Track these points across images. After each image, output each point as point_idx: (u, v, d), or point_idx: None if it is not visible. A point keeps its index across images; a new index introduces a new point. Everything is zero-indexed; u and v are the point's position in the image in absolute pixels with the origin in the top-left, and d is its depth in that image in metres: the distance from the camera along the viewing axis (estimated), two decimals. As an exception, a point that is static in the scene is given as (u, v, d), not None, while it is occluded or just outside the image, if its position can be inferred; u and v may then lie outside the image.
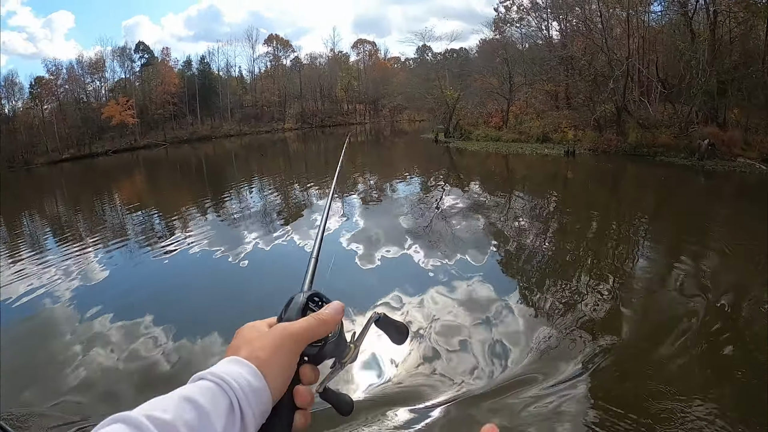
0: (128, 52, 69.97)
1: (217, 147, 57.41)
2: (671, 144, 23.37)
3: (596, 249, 10.54)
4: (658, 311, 6.97)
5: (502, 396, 5.11)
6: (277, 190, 22.07)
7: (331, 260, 6.42)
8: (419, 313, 7.29)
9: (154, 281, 10.17)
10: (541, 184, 20.13)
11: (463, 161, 29.03)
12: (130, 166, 45.31)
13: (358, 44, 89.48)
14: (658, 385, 5.05)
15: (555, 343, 6.14)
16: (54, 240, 15.38)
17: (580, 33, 30.71)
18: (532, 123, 34.26)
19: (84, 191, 30.50)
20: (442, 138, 40.07)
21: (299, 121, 77.73)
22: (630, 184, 20.01)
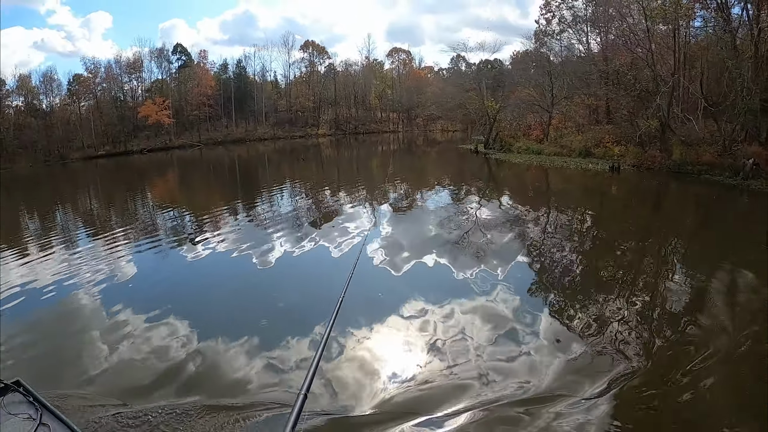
0: (166, 53, 71.16)
1: (251, 149, 57.80)
2: (715, 162, 22.55)
3: (634, 268, 10.18)
4: (691, 336, 6.59)
5: (526, 409, 5.02)
6: (308, 195, 21.86)
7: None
8: (445, 322, 7.23)
9: (183, 279, 10.20)
10: (587, 200, 19.78)
11: (509, 173, 28.44)
12: (164, 165, 45.71)
13: (393, 53, 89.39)
14: (683, 414, 4.93)
15: (581, 361, 6.03)
16: (87, 235, 15.33)
17: (624, 47, 29.61)
18: (574, 137, 33.54)
19: (118, 187, 30.86)
20: (482, 149, 39.49)
21: (333, 127, 77.99)
22: (674, 202, 19.47)
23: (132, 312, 7.94)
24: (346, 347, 6.49)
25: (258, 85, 76.49)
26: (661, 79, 26.03)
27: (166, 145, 62.32)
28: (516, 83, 44.22)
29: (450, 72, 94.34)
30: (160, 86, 69.24)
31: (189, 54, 72.74)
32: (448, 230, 13.49)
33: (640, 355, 6.04)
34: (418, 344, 6.56)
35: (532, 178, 26.19)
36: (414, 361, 6.09)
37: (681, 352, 6.09)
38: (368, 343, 6.61)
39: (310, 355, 6.06)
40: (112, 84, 66.69)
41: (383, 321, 7.29)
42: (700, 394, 5.16)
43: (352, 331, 6.91)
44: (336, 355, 6.27)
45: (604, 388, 5.31)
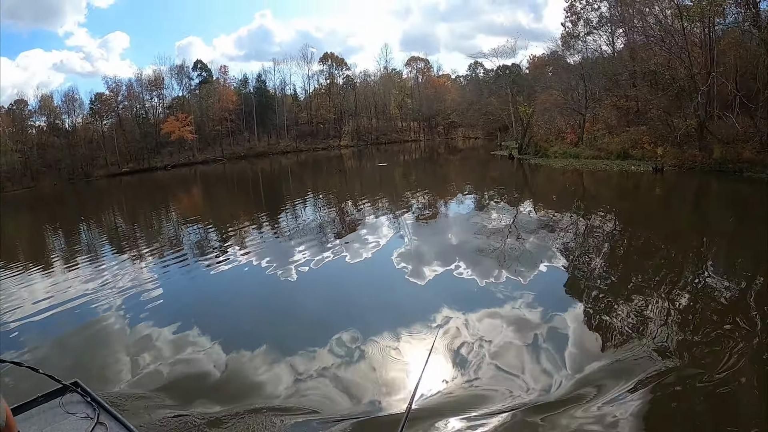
0: (186, 69, 71.75)
1: (274, 163, 57.98)
2: (756, 159, 22.13)
3: (672, 269, 9.83)
4: (727, 337, 6.29)
5: (554, 411, 4.95)
6: (331, 207, 21.70)
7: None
8: (470, 329, 7.18)
9: (208, 293, 10.30)
10: (636, 201, 19.76)
11: (554, 178, 27.97)
12: (187, 181, 45.84)
13: (411, 62, 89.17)
14: (716, 413, 4.85)
15: (611, 361, 5.95)
16: (112, 252, 15.42)
17: (657, 46, 29.19)
18: (609, 139, 33.08)
19: (142, 204, 31.05)
20: (516, 155, 38.99)
21: (354, 139, 78.09)
22: (720, 201, 18.99)
23: (153, 326, 8.14)
24: (368, 354, 6.57)
25: (278, 98, 76.82)
26: (699, 77, 25.59)
27: (189, 160, 62.72)
28: (543, 87, 43.77)
29: (467, 79, 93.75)
30: (181, 103, 69.85)
31: (209, 70, 73.37)
32: (510, 235, 13.28)
33: (672, 354, 5.95)
34: (444, 351, 6.52)
35: (578, 182, 25.86)
36: (439, 366, 6.08)
37: (715, 352, 5.89)
38: (391, 350, 6.64)
39: (333, 364, 6.32)
40: (133, 102, 67.48)
41: (407, 328, 7.27)
42: (733, 394, 5.06)
43: (375, 338, 6.97)
44: (357, 360, 6.42)
45: (633, 388, 5.24)
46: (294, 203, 23.66)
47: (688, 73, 25.94)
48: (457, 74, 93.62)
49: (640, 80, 30.84)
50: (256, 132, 71.98)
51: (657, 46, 29.03)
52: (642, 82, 30.51)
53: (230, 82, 74.90)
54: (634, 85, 34.03)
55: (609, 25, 39.77)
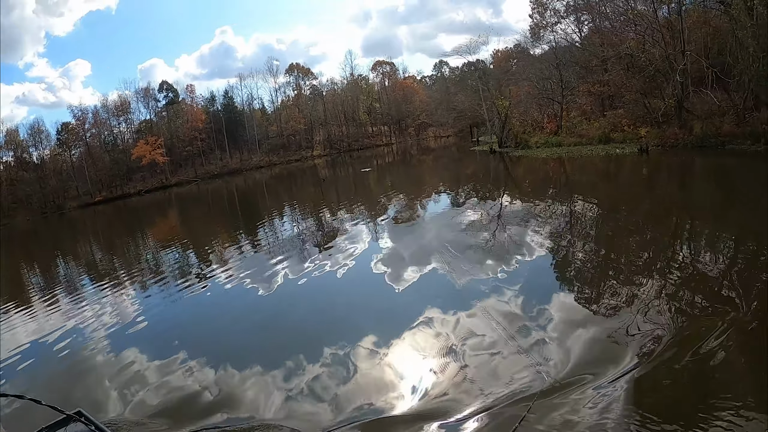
0: (152, 92, 71.01)
1: (248, 179, 57.63)
2: (736, 132, 22.62)
3: (662, 248, 9.89)
4: (714, 309, 6.43)
5: (548, 398, 5.00)
6: (308, 219, 21.36)
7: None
8: (457, 326, 7.22)
9: (191, 315, 10.18)
10: (631, 183, 19.94)
11: (546, 168, 27.68)
12: (163, 205, 45.42)
13: (377, 66, 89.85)
14: (707, 386, 4.90)
15: (600, 344, 6.03)
16: (90, 283, 15.16)
17: (630, 30, 29.83)
18: (589, 125, 33.68)
19: (119, 232, 30.47)
20: (497, 148, 39.24)
21: (326, 148, 78.03)
22: (708, 176, 19.23)
23: (143, 352, 8.02)
24: (359, 361, 6.54)
25: (247, 113, 76.63)
26: (674, 57, 26.24)
27: (163, 183, 62.08)
28: (518, 79, 44.30)
29: (433, 79, 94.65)
30: (150, 126, 69.08)
31: (175, 90, 72.77)
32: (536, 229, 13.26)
33: (661, 333, 6.00)
34: (433, 350, 6.56)
35: (570, 169, 25.97)
36: (429, 366, 6.12)
37: (704, 325, 5.98)
38: (381, 355, 6.66)
39: (321, 375, 6.30)
40: (101, 129, 66.66)
41: (394, 332, 7.24)
42: (724, 366, 5.11)
43: (363, 345, 6.98)
44: (351, 369, 6.37)
45: (627, 368, 5.31)
46: (272, 217, 23.55)
47: (663, 54, 26.55)
48: (422, 75, 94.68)
49: (615, 65, 31.32)
50: (228, 149, 71.71)
51: (629, 30, 29.70)
52: (617, 66, 31.02)
53: (198, 100, 74.51)
54: (605, 70, 34.53)
55: (576, 13, 40.69)
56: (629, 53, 28.89)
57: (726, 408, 4.39)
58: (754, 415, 4.23)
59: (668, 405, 4.63)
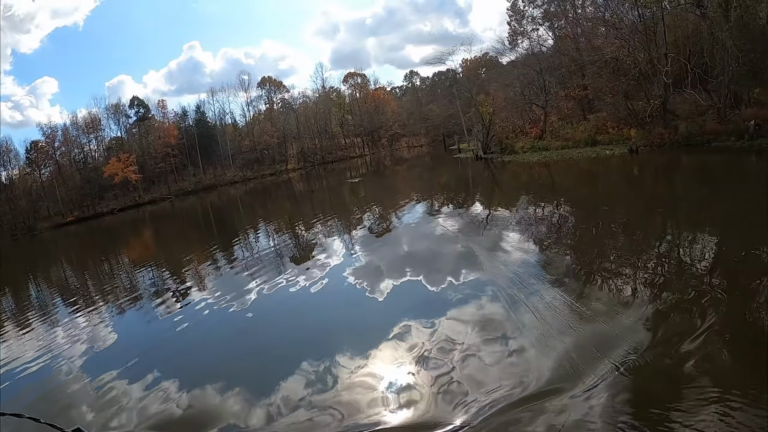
0: (122, 108, 69.87)
1: (222, 195, 56.98)
2: (719, 130, 23.73)
3: (644, 244, 10.23)
4: (695, 305, 6.64)
5: (529, 406, 5.11)
6: (283, 234, 21.17)
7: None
8: (435, 336, 7.25)
9: (167, 336, 9.90)
10: (628, 182, 20.50)
11: (548, 172, 27.37)
12: (136, 223, 44.73)
13: (348, 77, 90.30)
14: (691, 382, 5.00)
15: (578, 348, 6.08)
16: (64, 306, 14.81)
17: (612, 34, 30.85)
18: (574, 129, 34.36)
19: (91, 253, 29.96)
20: (482, 154, 39.50)
21: (301, 161, 77.83)
22: (699, 173, 19.86)
23: (119, 375, 7.91)
24: (338, 375, 6.57)
25: (220, 128, 76.02)
26: (657, 59, 27.16)
27: (136, 201, 61.06)
28: (499, 85, 45.00)
29: (402, 90, 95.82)
30: (120, 143, 67.99)
31: (147, 106, 71.76)
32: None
33: (646, 329, 6.17)
34: (409, 362, 6.60)
35: (568, 171, 26.05)
36: (406, 379, 6.17)
37: (684, 323, 6.18)
38: (362, 369, 6.65)
39: (302, 393, 6.25)
40: (71, 146, 65.35)
41: (371, 345, 7.28)
42: (703, 370, 5.18)
43: (342, 360, 6.98)
44: (332, 384, 6.37)
45: (604, 375, 5.37)
46: (247, 233, 23.21)
47: (647, 57, 27.45)
48: (393, 86, 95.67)
49: (600, 69, 31.73)
50: (201, 165, 70.98)
51: (610, 35, 30.60)
52: (603, 70, 31.48)
53: (170, 116, 73.60)
54: (583, 75, 35.68)
55: (552, 19, 42.46)
56: (614, 57, 29.52)
57: (706, 413, 4.51)
58: (735, 417, 4.36)
59: (646, 410, 4.72)
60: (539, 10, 44.08)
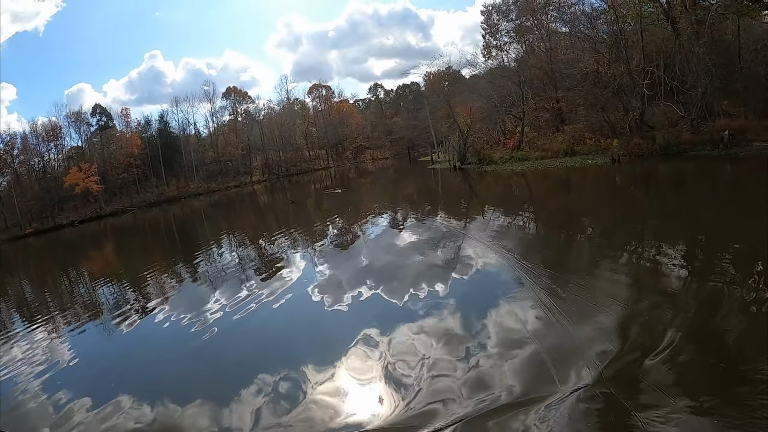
0: (84, 116, 67.67)
1: (186, 207, 56.05)
2: (694, 140, 25.23)
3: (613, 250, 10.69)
4: (665, 316, 6.84)
5: (502, 417, 5.23)
6: (247, 247, 21.16)
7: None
8: (401, 348, 7.38)
9: (129, 353, 9.73)
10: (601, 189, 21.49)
11: (535, 182, 27.57)
12: (98, 236, 43.35)
13: (313, 89, 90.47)
14: (662, 387, 5.19)
15: (549, 357, 6.25)
16: (21, 322, 14.32)
17: (590, 48, 32.10)
18: (552, 139, 35.46)
19: (50, 267, 28.78)
20: (459, 165, 40.08)
21: (265, 173, 77.17)
22: (683, 180, 20.97)
23: (78, 394, 7.68)
24: (303, 389, 6.58)
25: (183, 139, 74.52)
26: (636, 73, 28.50)
27: (98, 213, 59.11)
28: (477, 97, 45.01)
29: (366, 102, 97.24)
30: (81, 152, 65.85)
31: (109, 114, 69.80)
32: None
33: (613, 345, 6.27)
34: (379, 375, 6.67)
35: (562, 181, 26.44)
36: (376, 391, 6.24)
37: (654, 330, 6.42)
38: (329, 383, 6.68)
39: (263, 408, 6.27)
40: (30, 155, 62.92)
41: (334, 357, 7.34)
42: (674, 377, 5.36)
43: (304, 373, 7.02)
44: (294, 398, 6.39)
45: (579, 385, 5.52)
46: (210, 247, 22.75)
47: (626, 70, 28.67)
48: (356, 98, 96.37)
49: (579, 81, 32.36)
50: (164, 176, 69.38)
51: (589, 48, 31.78)
52: (582, 82, 32.17)
53: (133, 125, 71.71)
54: (555, 88, 36.90)
55: (525, 34, 44.02)
56: (595, 70, 30.58)
57: (677, 420, 4.69)
58: (705, 425, 4.63)
59: (620, 419, 4.88)
60: (512, 24, 45.92)
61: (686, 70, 26.91)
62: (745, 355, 5.66)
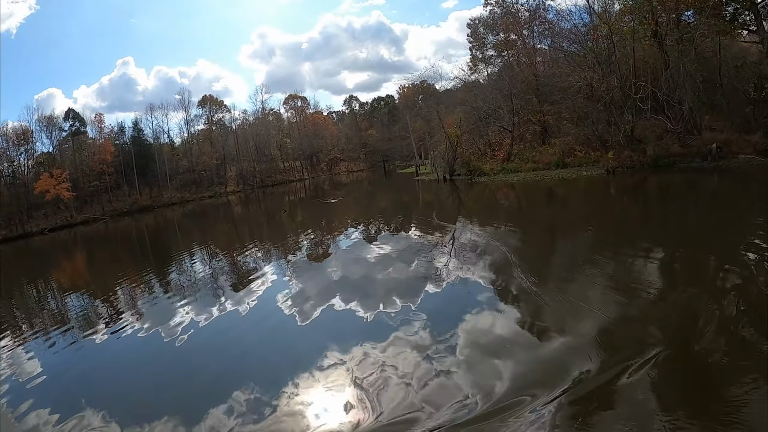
0: (56, 121, 66.02)
1: (159, 217, 54.98)
2: (684, 152, 26.33)
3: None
4: (645, 330, 6.95)
5: (475, 426, 5.28)
6: (220, 259, 20.69)
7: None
8: (384, 353, 7.56)
9: (97, 368, 9.39)
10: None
11: (531, 194, 27.32)
12: (68, 245, 42.41)
13: (289, 100, 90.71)
14: (637, 403, 5.27)
15: (525, 366, 6.41)
16: None
17: (583, 63, 32.76)
18: (542, 150, 36.15)
19: (16, 277, 27.44)
20: (447, 176, 40.33)
21: (240, 183, 76.64)
22: (673, 190, 21.59)
23: (44, 409, 7.46)
24: (272, 403, 6.55)
25: (157, 147, 73.29)
26: (628, 87, 29.40)
27: (68, 221, 57.68)
28: (466, 109, 45.29)
29: (339, 114, 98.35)
30: (51, 159, 64.08)
31: (82, 119, 68.24)
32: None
33: (595, 354, 6.37)
34: (346, 384, 6.75)
35: (563, 192, 26.46)
36: (348, 406, 6.23)
37: (634, 342, 6.48)
38: (297, 398, 6.64)
39: (231, 423, 6.24)
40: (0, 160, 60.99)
41: (306, 370, 7.34)
42: (654, 389, 5.42)
43: (273, 387, 6.97)
44: (268, 413, 6.34)
45: (559, 391, 5.60)
46: (182, 259, 22.26)
47: (619, 84, 29.52)
48: (330, 110, 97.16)
49: (573, 94, 32.96)
50: (137, 185, 68.10)
51: (581, 63, 32.50)
52: (576, 95, 32.81)
53: (106, 131, 70.29)
54: (539, 101, 37.79)
55: (510, 49, 44.94)
56: (588, 84, 31.23)
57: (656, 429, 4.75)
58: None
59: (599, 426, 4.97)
60: (498, 37, 47.04)
61: (672, 85, 27.89)
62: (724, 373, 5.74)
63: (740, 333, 6.49)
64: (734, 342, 6.26)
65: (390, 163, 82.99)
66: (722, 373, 5.66)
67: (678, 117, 27.45)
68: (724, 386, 5.36)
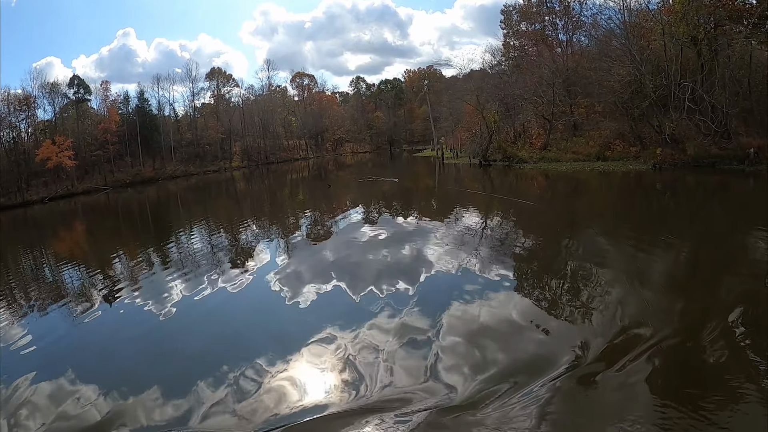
0: (60, 88, 64.30)
1: (162, 190, 54.11)
2: (722, 154, 26.44)
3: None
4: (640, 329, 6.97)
5: (458, 414, 5.36)
6: (220, 236, 20.71)
7: None
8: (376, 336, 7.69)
9: (90, 339, 9.54)
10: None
11: (608, 186, 26.87)
12: (68, 215, 41.54)
13: (296, 77, 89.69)
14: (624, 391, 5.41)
15: (527, 354, 6.56)
16: None
17: (629, 60, 32.02)
18: (576, 142, 36.29)
19: (14, 245, 27.77)
20: (482, 161, 40.15)
21: (244, 159, 75.86)
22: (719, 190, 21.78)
23: (32, 379, 7.50)
24: (264, 382, 6.61)
25: (164, 119, 72.10)
26: (675, 87, 29.43)
27: (69, 191, 56.26)
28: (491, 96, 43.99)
29: (343, 95, 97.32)
30: (54, 125, 62.47)
31: (88, 87, 66.42)
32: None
33: (591, 341, 6.58)
34: (335, 363, 6.91)
35: (631, 186, 25.79)
36: (334, 387, 6.34)
37: (631, 339, 6.59)
38: (286, 374, 6.77)
39: (216, 393, 6.40)
40: (1, 126, 58.95)
41: (296, 348, 7.48)
42: (647, 380, 5.55)
43: (265, 365, 7.06)
44: (254, 390, 6.42)
45: (552, 375, 5.78)
46: (183, 234, 22.17)
47: (668, 82, 29.58)
48: (336, 90, 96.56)
49: (622, 89, 32.07)
50: (140, 156, 66.74)
51: (623, 59, 31.90)
52: (625, 90, 31.93)
53: (113, 100, 68.54)
54: (569, 93, 38.02)
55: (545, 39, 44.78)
56: (638, 79, 30.77)
57: (644, 421, 4.84)
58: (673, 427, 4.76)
59: (588, 413, 5.13)
60: (535, 26, 46.88)
61: (709, 88, 28.11)
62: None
63: (743, 336, 6.52)
64: (735, 342, 6.35)
65: (396, 147, 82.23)
66: (717, 373, 5.73)
67: (716, 120, 27.54)
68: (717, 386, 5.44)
